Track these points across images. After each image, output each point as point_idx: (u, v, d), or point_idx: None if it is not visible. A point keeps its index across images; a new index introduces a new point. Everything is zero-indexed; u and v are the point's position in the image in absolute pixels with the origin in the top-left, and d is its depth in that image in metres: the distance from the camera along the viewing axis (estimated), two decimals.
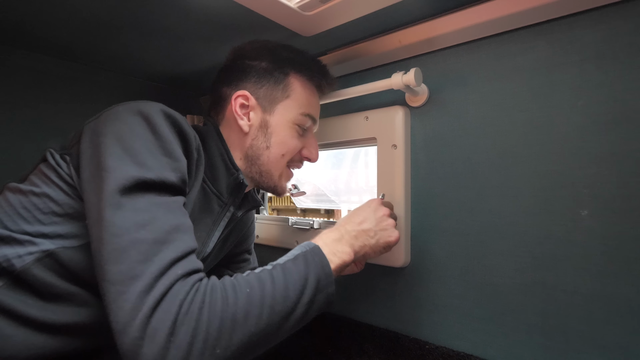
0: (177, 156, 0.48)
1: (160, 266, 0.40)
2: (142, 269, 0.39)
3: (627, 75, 0.52)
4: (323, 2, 0.60)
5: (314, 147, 0.71)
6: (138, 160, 0.45)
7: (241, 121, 0.64)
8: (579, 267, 0.55)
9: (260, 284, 0.44)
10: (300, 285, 0.46)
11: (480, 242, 0.64)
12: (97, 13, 0.67)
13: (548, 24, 0.58)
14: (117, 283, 0.39)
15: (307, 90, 0.68)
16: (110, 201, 0.42)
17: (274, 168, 0.66)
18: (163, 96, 1.10)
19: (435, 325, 0.70)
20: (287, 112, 0.65)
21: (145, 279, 0.39)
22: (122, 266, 0.39)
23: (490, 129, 0.64)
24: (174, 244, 0.42)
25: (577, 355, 0.55)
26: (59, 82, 0.91)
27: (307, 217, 1.23)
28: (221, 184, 0.63)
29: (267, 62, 0.66)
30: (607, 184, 0.53)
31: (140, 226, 0.41)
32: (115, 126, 0.47)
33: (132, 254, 0.40)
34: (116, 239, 0.40)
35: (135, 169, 0.44)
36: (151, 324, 0.37)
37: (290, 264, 0.48)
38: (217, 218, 0.64)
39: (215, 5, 0.63)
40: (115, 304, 0.38)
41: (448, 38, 0.67)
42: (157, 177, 0.45)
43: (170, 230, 0.43)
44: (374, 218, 0.60)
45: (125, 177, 0.43)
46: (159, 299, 0.38)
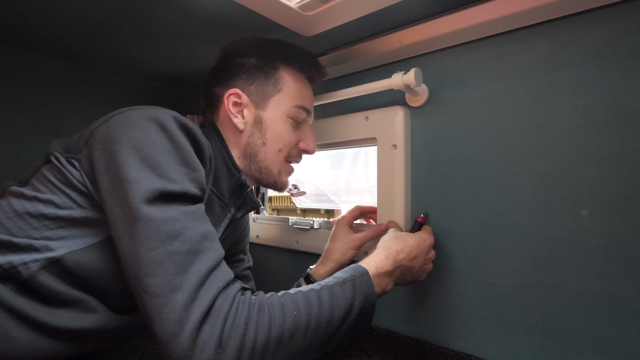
0: (196, 166, 0.48)
1: (198, 277, 0.41)
2: (181, 280, 0.40)
3: (627, 75, 0.52)
4: (323, 2, 0.60)
5: (310, 138, 0.71)
6: (159, 172, 0.45)
7: (235, 119, 0.64)
8: (579, 267, 0.55)
9: (308, 307, 0.45)
10: (344, 312, 0.47)
11: (480, 242, 0.64)
12: (97, 13, 0.67)
13: (548, 24, 0.58)
14: (158, 295, 0.39)
15: (298, 82, 0.68)
16: (138, 214, 0.42)
17: (272, 164, 0.66)
18: (163, 96, 1.10)
19: (435, 325, 0.70)
20: (280, 106, 0.65)
21: (186, 290, 0.40)
22: (160, 279, 0.40)
23: (490, 129, 0.64)
24: (206, 254, 0.43)
25: (577, 355, 0.55)
26: (59, 82, 0.91)
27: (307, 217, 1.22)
28: (222, 185, 0.63)
29: (256, 58, 0.66)
30: (607, 184, 0.53)
31: (172, 237, 0.42)
32: (131, 133, 0.46)
33: (169, 267, 0.40)
34: (151, 252, 0.41)
35: (157, 181, 0.44)
36: (200, 335, 0.38)
37: (338, 289, 0.48)
38: (219, 219, 0.64)
39: (215, 5, 0.63)
40: (159, 315, 0.39)
41: (448, 38, 0.67)
42: (180, 188, 0.45)
43: (200, 239, 0.44)
44: (423, 259, 0.61)
45: (149, 190, 0.43)
46: (205, 312, 0.39)
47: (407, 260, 0.58)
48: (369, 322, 0.50)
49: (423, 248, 0.61)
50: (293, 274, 0.95)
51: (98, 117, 0.53)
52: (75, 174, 0.49)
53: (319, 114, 0.89)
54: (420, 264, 0.60)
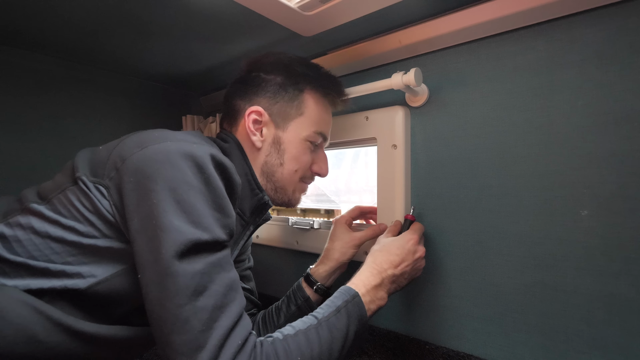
0: (229, 212, 0.49)
1: (222, 335, 0.42)
2: (205, 338, 0.41)
3: (627, 75, 0.52)
4: (323, 2, 0.60)
5: (324, 162, 0.71)
6: (193, 219, 0.44)
7: (254, 137, 0.64)
8: (579, 267, 0.55)
9: (310, 347, 0.47)
10: (342, 340, 0.49)
11: (480, 242, 0.64)
12: (97, 13, 0.67)
13: (548, 24, 0.58)
14: (183, 354, 0.41)
15: (320, 107, 0.67)
16: (170, 268, 0.42)
17: (288, 184, 0.67)
18: (163, 96, 1.10)
19: (435, 325, 0.70)
20: (300, 130, 0.65)
21: (209, 349, 0.41)
22: (186, 337, 0.41)
23: (490, 129, 0.64)
24: (230, 308, 0.44)
25: (577, 355, 0.55)
26: (59, 82, 0.91)
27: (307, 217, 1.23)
28: (245, 204, 0.62)
29: (282, 77, 0.65)
30: (607, 184, 0.53)
31: (199, 293, 0.42)
32: (167, 172, 0.45)
33: (195, 324, 0.41)
34: (179, 309, 0.41)
35: (191, 231, 0.44)
36: None
37: (335, 320, 0.50)
38: (239, 237, 0.64)
39: (216, 5, 0.63)
40: None
41: (448, 38, 0.67)
42: (212, 237, 0.45)
43: (225, 292, 0.45)
44: (412, 261, 0.61)
45: (183, 242, 0.43)
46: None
47: (393, 269, 0.59)
48: (364, 341, 0.53)
49: (407, 250, 0.61)
50: (293, 274, 0.95)
51: (98, 117, 0.52)
52: (105, 203, 0.47)
53: None
54: (410, 266, 0.60)
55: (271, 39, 0.76)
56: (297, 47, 0.79)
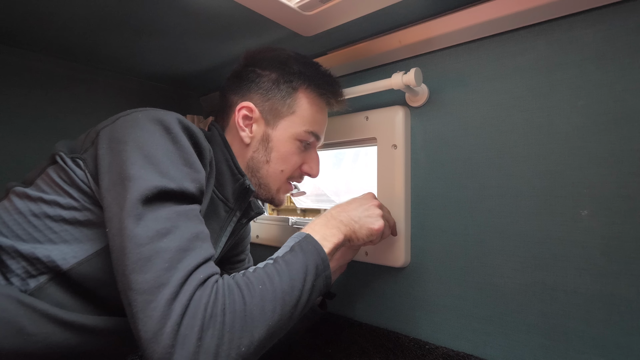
0: (197, 167, 0.49)
1: (185, 273, 0.41)
2: (168, 276, 0.40)
3: (627, 75, 0.52)
4: (323, 2, 0.60)
5: (315, 162, 0.70)
6: (161, 170, 0.45)
7: (242, 133, 0.64)
8: (579, 267, 0.55)
9: (270, 279, 0.46)
10: (302, 274, 0.49)
11: (480, 242, 0.64)
12: (97, 13, 0.67)
13: (548, 24, 0.58)
14: (144, 292, 0.39)
15: (314, 106, 0.66)
16: (133, 211, 0.42)
17: (273, 182, 0.66)
18: (163, 96, 1.10)
19: (435, 325, 0.70)
20: (290, 128, 0.65)
21: (171, 286, 0.39)
22: (148, 275, 0.40)
23: (490, 129, 0.64)
24: (196, 252, 0.43)
25: (577, 355, 0.55)
26: (59, 82, 0.91)
27: (307, 217, 1.23)
28: (227, 190, 0.63)
29: (277, 74, 0.65)
30: (607, 184, 0.53)
31: (162, 235, 0.42)
32: (136, 134, 0.47)
33: (158, 263, 0.40)
34: (140, 248, 0.41)
35: (158, 179, 0.44)
36: (180, 330, 0.38)
37: (290, 256, 0.50)
38: (224, 224, 0.64)
39: (215, 5, 0.63)
40: (143, 313, 0.38)
41: (448, 38, 0.67)
42: (179, 187, 0.45)
43: (192, 238, 0.44)
44: (359, 204, 0.61)
45: (148, 187, 0.43)
46: (186, 305, 0.39)
47: (340, 209, 0.60)
48: (329, 276, 0.52)
49: (356, 198, 0.62)
50: None
51: (98, 117, 0.53)
52: (80, 173, 0.49)
53: None
54: (359, 210, 0.60)
55: (271, 39, 0.76)
56: (297, 47, 0.79)
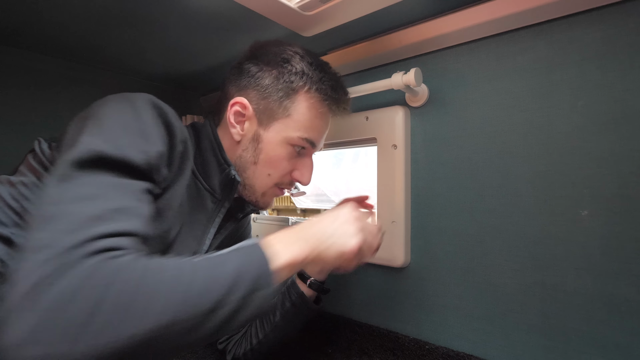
0: (153, 140, 0.45)
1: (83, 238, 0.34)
2: (60, 239, 0.34)
3: (627, 75, 0.52)
4: (323, 2, 0.60)
5: (307, 169, 0.65)
6: (107, 136, 0.42)
7: (232, 129, 0.62)
8: (579, 267, 0.55)
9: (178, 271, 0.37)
10: (230, 280, 0.38)
11: (480, 242, 0.64)
12: (97, 13, 0.67)
13: (548, 24, 0.58)
14: (30, 249, 0.33)
15: (313, 112, 0.61)
16: (60, 171, 0.39)
17: (258, 185, 0.63)
18: (163, 96, 1.10)
19: (435, 325, 0.70)
20: (283, 132, 0.60)
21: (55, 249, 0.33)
22: (42, 234, 0.34)
23: (490, 129, 0.64)
24: (112, 222, 0.37)
25: (577, 355, 0.55)
26: (59, 82, 0.91)
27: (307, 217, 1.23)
28: (213, 181, 0.61)
29: (278, 71, 0.60)
30: (607, 184, 0.53)
31: (80, 199, 0.37)
32: (101, 109, 0.46)
33: (60, 223, 0.35)
34: (49, 206, 0.36)
35: (99, 144, 0.41)
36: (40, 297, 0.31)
37: (224, 257, 0.41)
38: (212, 215, 0.63)
39: (215, 5, 0.63)
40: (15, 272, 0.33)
41: (448, 38, 0.67)
42: (120, 154, 0.41)
43: (116, 209, 0.39)
44: (333, 219, 0.51)
45: (87, 150, 0.40)
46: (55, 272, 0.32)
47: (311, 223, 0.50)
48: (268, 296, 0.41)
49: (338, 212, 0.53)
50: None
51: None
52: (48, 153, 0.50)
53: None
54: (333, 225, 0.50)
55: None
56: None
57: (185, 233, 0.58)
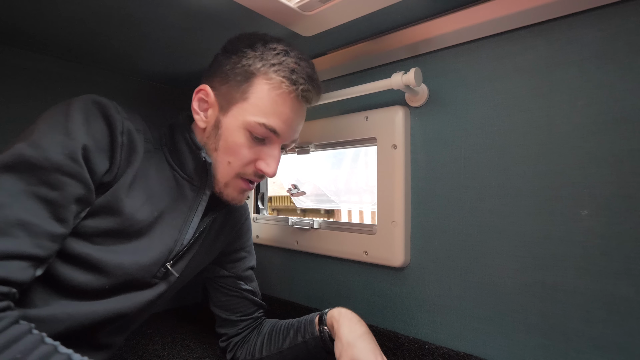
0: (74, 135, 0.48)
1: None
2: None
3: (627, 75, 0.52)
4: (323, 2, 0.60)
5: (272, 159, 0.61)
6: (32, 140, 0.45)
7: (196, 116, 0.62)
8: (579, 267, 0.55)
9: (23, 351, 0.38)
10: None
11: (480, 242, 0.64)
12: (97, 13, 0.67)
13: (548, 24, 0.58)
14: None
15: (272, 96, 0.58)
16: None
17: (220, 174, 0.61)
18: (163, 96, 1.10)
19: (435, 325, 0.70)
20: (240, 115, 0.58)
21: None
22: None
23: (490, 129, 0.64)
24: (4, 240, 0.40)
25: (577, 355, 0.55)
26: (59, 82, 0.91)
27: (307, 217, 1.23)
28: (189, 168, 0.62)
29: (238, 56, 0.59)
30: (607, 184, 0.53)
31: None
32: (41, 116, 0.49)
33: None
34: None
35: (24, 147, 0.44)
36: None
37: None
38: (193, 204, 0.63)
39: (215, 5, 0.63)
40: None
41: (448, 38, 0.67)
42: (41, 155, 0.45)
43: (15, 223, 0.41)
44: None
45: (10, 154, 0.44)
46: None
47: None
48: None
49: None
50: (293, 274, 0.95)
51: None
52: None
53: (319, 114, 0.89)
54: None
55: None
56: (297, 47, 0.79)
57: (165, 222, 0.60)
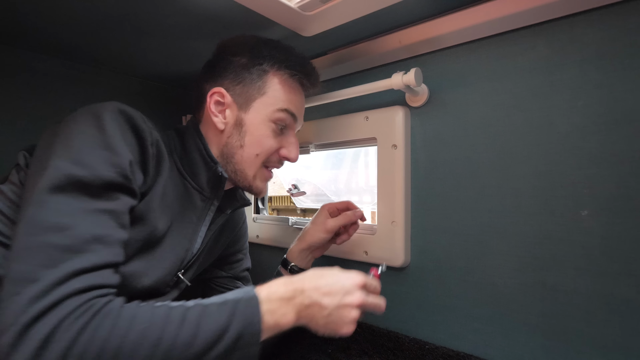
0: (119, 150, 0.47)
1: (63, 274, 0.38)
2: (43, 274, 0.38)
3: (627, 75, 0.52)
4: (323, 2, 0.60)
5: (293, 145, 0.67)
6: (74, 157, 0.44)
7: (215, 118, 0.63)
8: (579, 267, 0.55)
9: (164, 322, 0.40)
10: (215, 335, 0.41)
11: (480, 242, 0.64)
12: (97, 13, 0.67)
13: (548, 24, 0.58)
14: (14, 282, 0.37)
15: (286, 87, 0.64)
16: (37, 199, 0.41)
17: (248, 167, 0.64)
18: (163, 96, 1.10)
19: (435, 325, 0.70)
20: (263, 110, 0.63)
21: (41, 285, 0.37)
22: (24, 266, 0.38)
23: (490, 129, 0.64)
24: (88, 255, 0.41)
25: (577, 355, 0.55)
26: (59, 82, 0.91)
27: (307, 217, 1.23)
28: (201, 179, 0.62)
29: (247, 58, 0.63)
30: (607, 184, 0.53)
31: (57, 230, 0.40)
32: (69, 127, 0.47)
33: (38, 257, 0.38)
34: (29, 237, 0.39)
35: (69, 167, 0.43)
36: (28, 333, 0.36)
37: (214, 309, 0.43)
38: (202, 214, 0.64)
39: (216, 5, 0.63)
40: (5, 302, 0.37)
41: (448, 38, 0.67)
42: (92, 174, 0.43)
43: (90, 240, 0.41)
44: (340, 299, 0.49)
45: (57, 176, 0.42)
46: (46, 309, 0.37)
47: (314, 291, 0.48)
48: (253, 354, 0.43)
49: (344, 285, 0.50)
50: None
51: None
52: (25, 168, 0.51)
53: (319, 114, 0.89)
54: (335, 304, 0.48)
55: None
56: (297, 47, 0.79)
57: (176, 231, 0.59)
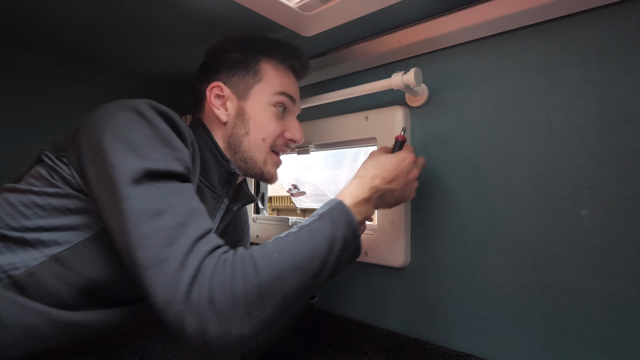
0: (178, 146, 0.50)
1: (186, 246, 0.42)
2: (170, 251, 0.41)
3: (627, 75, 0.52)
4: (323, 2, 0.60)
5: (296, 128, 0.70)
6: (142, 154, 0.46)
7: (218, 111, 0.65)
8: (579, 267, 0.55)
9: (288, 247, 0.46)
10: (327, 244, 0.48)
11: (480, 242, 0.64)
12: (97, 13, 0.67)
13: (548, 24, 0.58)
14: (149, 267, 0.41)
15: (279, 72, 0.67)
16: (124, 193, 0.43)
17: (257, 153, 0.66)
18: (163, 96, 1.10)
19: (435, 325, 0.70)
20: (262, 95, 0.65)
21: (175, 259, 0.41)
22: (149, 252, 0.41)
23: (490, 129, 0.64)
24: (194, 226, 0.45)
25: (577, 355, 0.55)
26: (59, 82, 0.91)
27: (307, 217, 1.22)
28: (213, 177, 0.64)
29: (237, 52, 0.66)
30: (607, 184, 0.53)
31: (158, 214, 0.43)
32: (111, 123, 0.48)
33: (156, 240, 0.42)
34: (138, 227, 0.42)
35: (141, 162, 0.45)
36: (191, 297, 0.40)
37: (317, 224, 0.49)
38: (212, 211, 0.65)
39: (215, 5, 0.63)
40: (152, 286, 0.40)
41: (448, 38, 0.67)
42: (164, 167, 0.46)
43: (188, 213, 0.45)
44: (404, 180, 0.58)
45: (133, 170, 0.44)
46: (194, 275, 0.41)
47: (384, 184, 0.56)
48: (357, 249, 0.52)
49: (402, 168, 0.58)
50: None
51: None
52: (65, 169, 0.51)
53: (319, 114, 0.89)
54: (402, 184, 0.58)
55: None
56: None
57: None
